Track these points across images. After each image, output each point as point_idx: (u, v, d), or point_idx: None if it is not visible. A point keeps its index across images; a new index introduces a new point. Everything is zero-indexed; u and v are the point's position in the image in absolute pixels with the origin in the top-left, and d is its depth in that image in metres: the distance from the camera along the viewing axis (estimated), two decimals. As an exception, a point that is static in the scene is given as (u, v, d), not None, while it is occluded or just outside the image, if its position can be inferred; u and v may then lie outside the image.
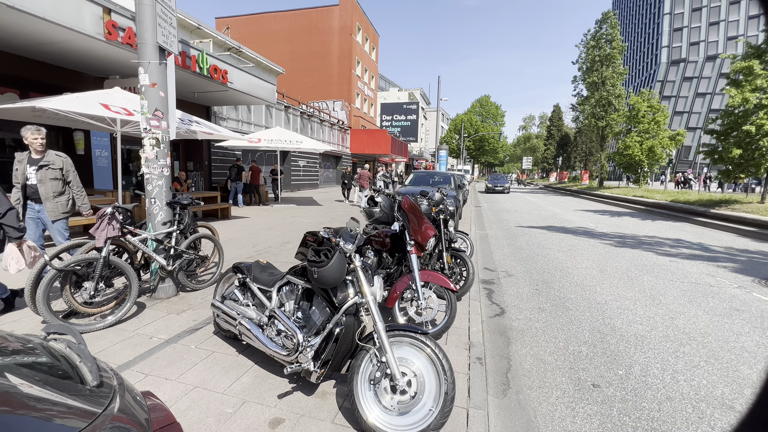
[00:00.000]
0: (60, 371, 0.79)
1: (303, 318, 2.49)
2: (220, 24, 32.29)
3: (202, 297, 3.97)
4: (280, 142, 12.63)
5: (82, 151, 9.49)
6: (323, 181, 25.78)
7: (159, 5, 3.52)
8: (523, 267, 6.10)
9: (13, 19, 5.66)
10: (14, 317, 3.28)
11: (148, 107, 3.60)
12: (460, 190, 10.02)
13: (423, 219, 3.39)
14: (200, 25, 15.52)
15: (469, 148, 57.20)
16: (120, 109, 5.88)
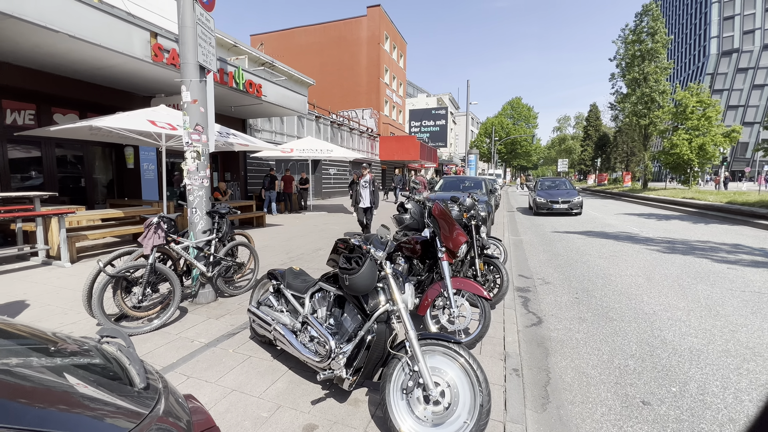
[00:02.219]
0: (111, 373, 0.84)
1: (335, 325, 2.51)
2: (255, 41, 33.88)
3: (239, 303, 4.11)
4: (312, 152, 12.98)
5: (132, 165, 10.22)
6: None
7: (200, 27, 3.75)
8: (561, 274, 5.83)
9: (76, 47, 6.23)
10: (73, 319, 3.56)
11: (190, 122, 3.82)
12: (491, 195, 9.79)
13: (454, 225, 3.33)
14: (236, 43, 16.35)
15: (500, 151, 55.94)
16: (165, 124, 6.28)
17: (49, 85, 7.84)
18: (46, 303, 3.99)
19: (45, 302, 4.02)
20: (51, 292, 4.37)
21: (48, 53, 6.58)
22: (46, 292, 4.34)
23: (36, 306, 3.91)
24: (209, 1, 3.98)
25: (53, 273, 5.22)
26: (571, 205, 13.66)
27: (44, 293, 4.32)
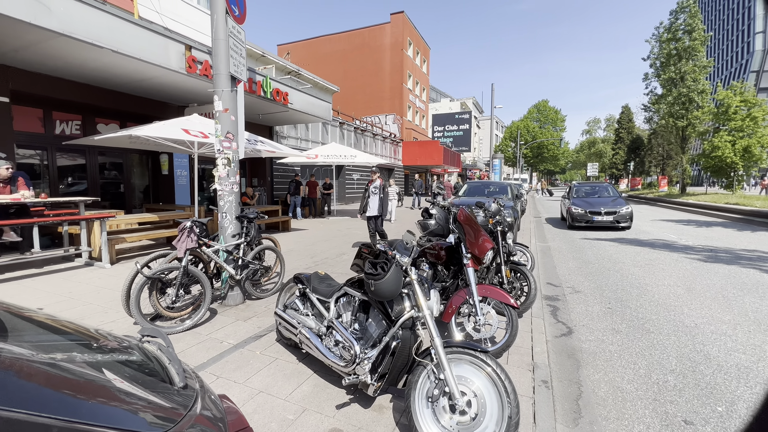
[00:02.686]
0: (152, 371, 0.87)
1: (360, 330, 2.52)
2: (282, 50, 34.92)
3: (265, 305, 4.21)
4: (336, 157, 13.17)
5: (167, 171, 10.73)
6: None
7: (232, 39, 3.91)
8: (592, 283, 5.60)
9: (118, 61, 6.64)
10: (112, 318, 3.75)
11: (221, 130, 3.97)
12: (517, 201, 9.56)
13: (480, 231, 3.28)
14: (264, 53, 16.90)
15: (526, 155, 54.69)
16: (198, 132, 6.57)
17: (93, 97, 8.38)
18: (88, 302, 4.24)
19: (87, 301, 4.26)
20: (93, 291, 4.64)
21: (93, 68, 7.04)
22: (89, 292, 4.61)
23: (79, 304, 4.16)
24: (240, 15, 4.14)
25: (95, 273, 5.53)
26: (618, 217, 10.87)
27: (87, 292, 4.58)
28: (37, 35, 5.48)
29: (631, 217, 11.10)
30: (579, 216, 11.26)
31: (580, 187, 13.97)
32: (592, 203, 11.60)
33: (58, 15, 5.27)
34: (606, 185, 13.74)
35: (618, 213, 10.95)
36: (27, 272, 5.47)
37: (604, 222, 11.01)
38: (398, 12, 31.68)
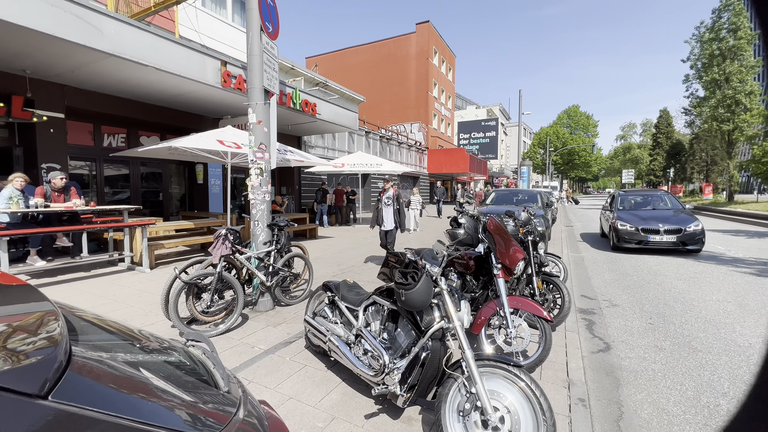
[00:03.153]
0: (199, 375, 0.91)
1: (388, 339, 2.51)
2: (310, 63, 35.97)
3: (294, 312, 4.28)
4: (362, 166, 13.32)
5: (202, 181, 11.23)
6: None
7: (265, 55, 4.08)
8: (631, 296, 5.31)
9: (160, 78, 7.08)
10: (152, 320, 3.93)
11: (255, 141, 4.13)
12: (548, 209, 9.25)
13: (511, 241, 3.20)
14: (294, 66, 17.48)
15: (556, 162, 53.09)
16: (231, 143, 6.85)
17: (136, 112, 8.95)
18: (130, 304, 4.47)
19: (130, 304, 4.50)
20: (134, 294, 4.89)
21: (137, 84, 7.54)
22: (131, 295, 4.87)
23: (123, 306, 4.40)
24: (274, 31, 4.32)
25: (136, 278, 5.84)
26: (684, 237, 8.03)
27: (129, 296, 4.84)
28: (91, 56, 5.95)
29: (703, 237, 8.09)
30: (628, 235, 8.46)
31: (627, 196, 10.69)
32: (646, 218, 8.69)
33: (109, 37, 5.71)
34: (663, 194, 10.79)
35: (685, 231, 8.02)
36: (76, 275, 5.86)
37: (664, 243, 8.14)
38: (424, 22, 31.94)
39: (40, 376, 0.55)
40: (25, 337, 0.67)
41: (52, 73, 6.88)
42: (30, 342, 0.65)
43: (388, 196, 6.41)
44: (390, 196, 6.41)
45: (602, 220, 10.92)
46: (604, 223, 10.36)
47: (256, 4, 3.98)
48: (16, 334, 0.67)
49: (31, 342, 0.65)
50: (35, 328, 0.69)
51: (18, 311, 0.77)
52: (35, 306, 0.77)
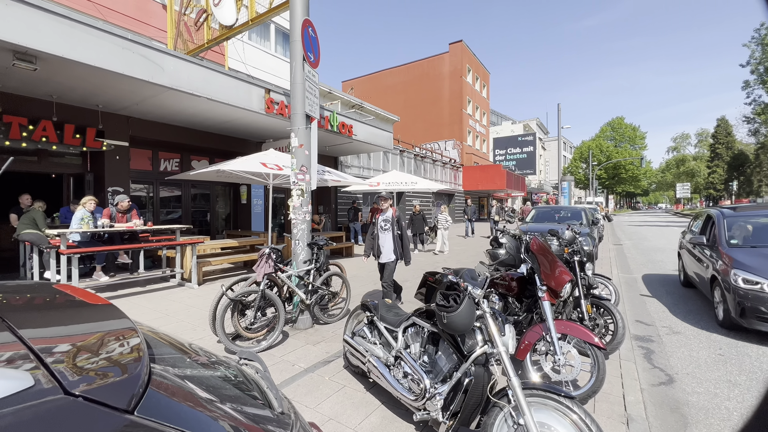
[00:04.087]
0: (253, 394, 0.94)
1: (429, 362, 2.45)
2: (346, 86, 37.38)
3: (333, 331, 4.31)
4: (397, 184, 13.42)
5: (245, 201, 11.84)
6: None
7: (307, 82, 4.31)
8: (696, 323, 4.82)
9: (211, 107, 7.66)
10: (200, 335, 4.13)
11: (296, 164, 4.32)
12: (594, 227, 8.75)
13: (556, 262, 3.06)
14: (331, 90, 18.24)
15: (600, 177, 50.50)
16: (273, 165, 7.20)
17: (189, 138, 9.70)
18: (180, 319, 4.73)
19: (180, 318, 4.77)
20: (184, 309, 5.18)
21: (191, 113, 8.20)
22: (181, 310, 5.16)
23: (174, 321, 4.66)
24: (315, 60, 4.56)
25: (185, 293, 6.19)
26: None
27: (179, 310, 5.13)
28: (153, 90, 6.58)
29: None
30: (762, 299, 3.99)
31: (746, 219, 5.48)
32: None
33: (169, 73, 6.30)
34: None
35: None
36: (134, 290, 6.31)
37: None
38: (457, 41, 32.32)
39: (128, 391, 0.59)
40: (112, 353, 0.73)
41: (120, 107, 7.68)
42: (116, 358, 0.71)
43: (385, 218, 4.90)
44: (388, 218, 4.91)
45: (685, 259, 6.61)
46: (691, 265, 6.10)
47: (299, 37, 4.25)
48: (104, 350, 0.74)
49: (117, 358, 0.71)
50: (119, 345, 0.76)
51: (103, 328, 0.85)
52: (118, 323, 0.85)
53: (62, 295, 1.04)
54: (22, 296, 1.03)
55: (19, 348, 0.68)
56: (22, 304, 0.97)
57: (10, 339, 0.70)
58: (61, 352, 0.70)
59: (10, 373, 0.56)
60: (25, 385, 0.53)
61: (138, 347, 0.74)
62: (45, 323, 0.87)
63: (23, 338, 0.71)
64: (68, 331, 0.82)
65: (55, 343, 0.75)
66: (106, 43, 5.48)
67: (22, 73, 5.67)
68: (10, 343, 0.69)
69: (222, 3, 8.00)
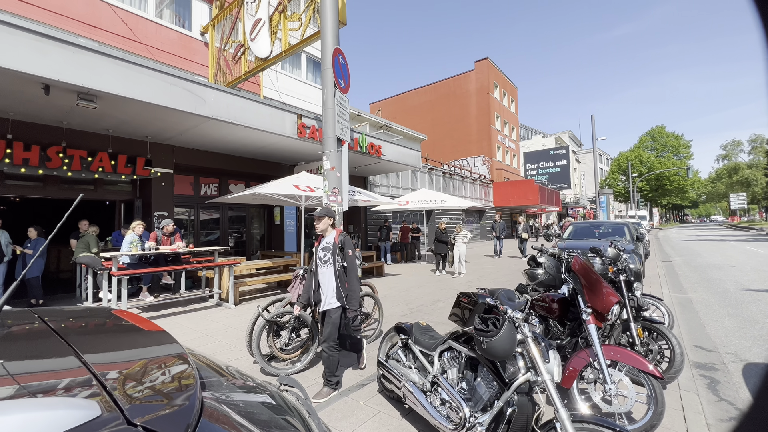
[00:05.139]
0: (295, 422, 0.94)
1: (468, 389, 2.34)
2: (373, 108, 38.33)
3: (366, 352, 4.26)
4: (426, 203, 13.39)
5: (278, 222, 12.21)
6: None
7: (338, 107, 4.46)
8: (766, 349, 4.33)
9: (247, 134, 8.09)
10: (237, 356, 4.21)
11: (329, 186, 4.42)
12: (639, 243, 8.20)
13: (600, 282, 2.88)
14: (359, 112, 18.74)
15: (642, 189, 47.83)
16: (306, 187, 7.42)
17: (226, 163, 10.24)
18: (218, 339, 4.87)
19: (218, 338, 4.90)
20: (222, 329, 5.33)
21: (228, 140, 8.68)
22: (219, 330, 5.31)
23: (212, 341, 4.80)
24: (345, 86, 4.73)
25: (223, 313, 6.38)
26: None
27: (217, 330, 5.28)
28: (196, 121, 7.06)
29: None
30: None
31: None
32: None
33: (210, 104, 6.75)
34: None
35: None
36: (176, 310, 6.59)
37: None
38: (482, 59, 32.46)
39: (183, 421, 0.61)
40: (167, 381, 0.76)
41: (166, 137, 8.28)
42: (171, 386, 0.74)
43: (325, 246, 3.44)
44: (329, 244, 3.41)
45: None
46: None
47: (330, 65, 4.44)
48: (160, 378, 0.77)
49: (172, 386, 0.74)
50: (174, 373, 0.79)
51: (158, 354, 0.89)
52: (171, 349, 0.88)
53: (120, 321, 1.10)
54: (85, 321, 1.10)
55: (84, 373, 0.72)
56: (84, 328, 1.04)
57: (76, 364, 0.75)
58: (120, 378, 0.74)
59: (79, 403, 0.59)
60: (92, 415, 0.56)
61: (190, 375, 0.76)
62: (105, 348, 0.92)
63: (87, 364, 0.75)
64: (126, 357, 0.87)
65: (115, 369, 0.79)
66: (156, 80, 5.98)
67: (84, 111, 6.28)
68: (76, 369, 0.73)
69: (258, 37, 8.55)
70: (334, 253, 3.39)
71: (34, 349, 0.81)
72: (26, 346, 0.83)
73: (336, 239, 3.43)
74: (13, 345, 0.81)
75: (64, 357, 0.77)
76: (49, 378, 0.71)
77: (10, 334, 0.82)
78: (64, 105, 6.02)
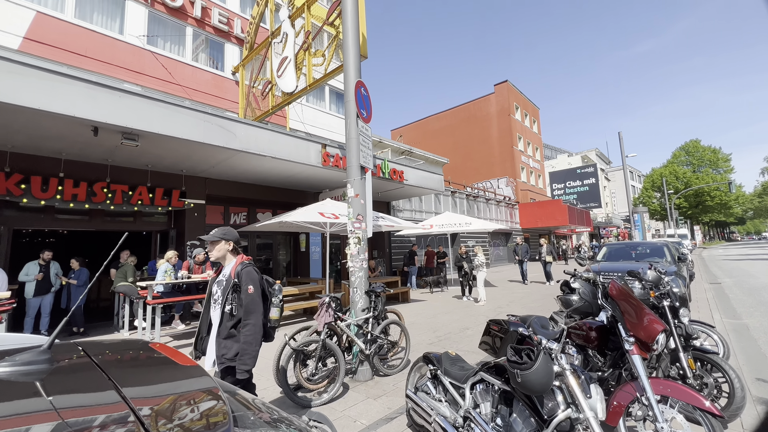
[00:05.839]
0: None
1: (503, 426, 2.21)
2: (395, 134, 39.10)
3: (393, 383, 4.13)
4: (450, 226, 13.25)
5: (304, 249, 12.40)
6: (494, 260, 24.88)
7: (361, 137, 4.59)
8: (841, 383, 3.86)
9: (275, 165, 8.41)
10: (264, 385, 4.19)
11: (353, 213, 4.48)
12: (681, 264, 7.65)
13: (642, 308, 2.70)
14: (381, 139, 19.19)
15: (680, 206, 45.41)
16: (330, 214, 7.54)
17: (254, 193, 10.63)
18: (246, 368, 4.87)
19: (245, 367, 4.91)
20: (249, 358, 5.34)
21: (257, 171, 9.06)
22: (246, 358, 5.32)
23: (240, 370, 4.81)
24: (368, 116, 4.88)
25: (250, 341, 6.41)
26: None
27: (245, 359, 5.30)
28: (227, 154, 7.44)
29: None
30: None
31: None
32: None
33: (240, 138, 7.11)
34: None
35: None
36: (205, 338, 6.70)
37: None
38: (502, 82, 32.75)
39: None
40: (202, 417, 0.77)
41: (199, 170, 8.74)
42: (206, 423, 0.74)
43: (218, 281, 2.75)
44: (223, 278, 2.71)
45: None
46: None
47: (353, 97, 4.61)
48: (195, 414, 0.78)
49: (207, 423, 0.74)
50: (208, 410, 0.80)
51: (192, 388, 0.90)
52: (205, 384, 0.90)
53: (156, 354, 1.14)
54: (124, 354, 1.15)
55: (123, 408, 0.74)
56: (123, 361, 1.08)
57: (116, 399, 0.77)
58: (158, 414, 0.75)
59: None
60: None
61: (223, 411, 0.76)
62: (143, 382, 0.95)
63: (126, 398, 0.77)
64: (162, 391, 0.89)
65: (151, 404, 0.81)
66: (191, 118, 6.40)
67: (127, 149, 6.78)
68: (116, 404, 0.75)
69: (284, 74, 9.06)
70: (226, 291, 2.56)
71: (78, 383, 0.85)
72: (71, 380, 0.87)
73: (233, 271, 2.58)
74: (60, 379, 0.85)
75: (105, 391, 0.80)
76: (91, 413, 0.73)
77: (58, 368, 0.86)
78: (110, 144, 6.53)
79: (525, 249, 13.96)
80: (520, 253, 13.87)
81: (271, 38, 9.92)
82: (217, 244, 2.66)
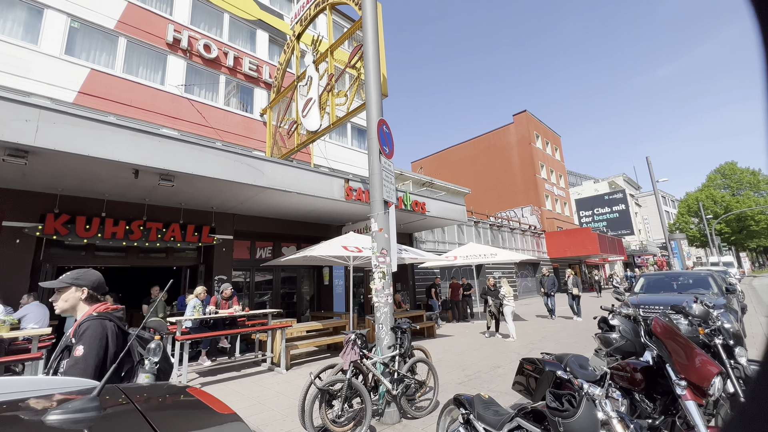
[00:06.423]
0: None
1: (546, 480, 2.02)
2: (415, 166, 39.65)
3: (422, 427, 3.92)
4: (475, 257, 12.97)
5: (327, 282, 12.40)
6: (521, 292, 23.92)
7: (384, 172, 4.69)
8: None
9: (299, 200, 8.66)
10: (288, 427, 4.07)
11: (377, 247, 4.49)
12: (731, 296, 7.04)
13: (692, 348, 2.50)
14: (402, 172, 19.47)
15: (722, 231, 42.76)
16: (353, 248, 7.58)
17: (280, 228, 10.88)
18: (270, 408, 4.78)
19: (270, 407, 4.82)
20: (274, 397, 5.25)
21: (283, 207, 9.33)
22: (271, 397, 5.23)
23: (265, 410, 4.72)
24: (390, 152, 5.01)
25: (274, 379, 6.33)
26: None
27: (269, 398, 5.21)
28: (255, 191, 7.74)
29: None
30: None
31: None
32: None
33: (267, 175, 7.42)
34: None
35: None
36: (230, 375, 6.67)
37: None
38: (521, 112, 33.00)
39: None
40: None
41: (228, 207, 9.10)
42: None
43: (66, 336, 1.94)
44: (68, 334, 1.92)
45: None
46: None
47: (375, 134, 4.77)
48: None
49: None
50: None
51: None
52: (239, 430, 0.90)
53: (194, 399, 1.15)
54: (164, 399, 1.16)
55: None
56: (163, 407, 1.09)
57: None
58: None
59: None
60: None
61: None
62: (183, 430, 0.96)
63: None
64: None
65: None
66: (222, 158, 6.77)
67: (163, 189, 7.19)
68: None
69: (309, 114, 9.53)
70: (57, 354, 1.88)
71: (122, 429, 0.87)
72: (116, 427, 0.89)
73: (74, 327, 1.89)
74: (107, 427, 0.87)
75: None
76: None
77: (105, 415, 0.88)
78: (148, 185, 6.95)
79: (552, 281, 13.16)
80: (547, 286, 13.11)
81: (296, 81, 10.56)
82: (65, 291, 1.95)
